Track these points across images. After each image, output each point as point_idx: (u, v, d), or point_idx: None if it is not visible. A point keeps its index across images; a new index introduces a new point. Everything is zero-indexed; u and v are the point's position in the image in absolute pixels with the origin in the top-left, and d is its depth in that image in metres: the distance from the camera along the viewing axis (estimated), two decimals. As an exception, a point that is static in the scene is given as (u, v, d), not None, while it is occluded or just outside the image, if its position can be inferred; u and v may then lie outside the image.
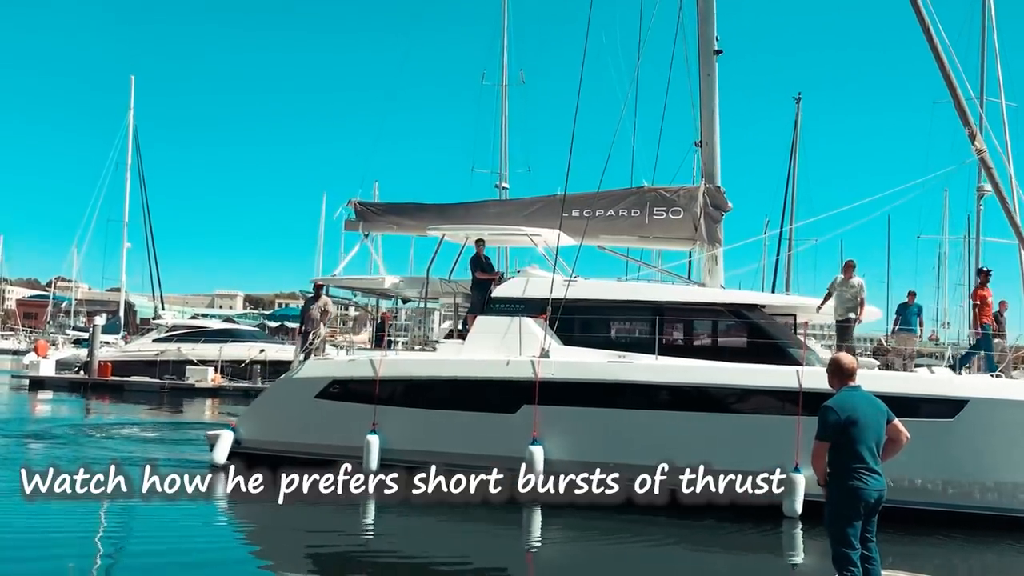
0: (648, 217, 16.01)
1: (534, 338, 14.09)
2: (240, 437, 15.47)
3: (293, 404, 15.30)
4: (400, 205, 18.13)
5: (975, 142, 14.20)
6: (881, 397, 12.72)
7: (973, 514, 12.11)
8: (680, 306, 14.47)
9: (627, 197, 16.17)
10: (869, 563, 6.22)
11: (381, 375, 14.46)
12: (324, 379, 15.04)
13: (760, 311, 14.18)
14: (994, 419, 12.08)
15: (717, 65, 16.57)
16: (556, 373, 13.53)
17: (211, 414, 29.29)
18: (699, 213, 15.71)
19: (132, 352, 39.47)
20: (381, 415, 14.30)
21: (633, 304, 14.57)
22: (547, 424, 13.33)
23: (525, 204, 17.17)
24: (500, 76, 38.54)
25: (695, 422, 12.88)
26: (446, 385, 14.23)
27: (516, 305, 14.63)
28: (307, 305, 17.14)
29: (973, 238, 27.98)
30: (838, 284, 14.06)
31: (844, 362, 6.48)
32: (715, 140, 16.42)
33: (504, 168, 38.20)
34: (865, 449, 6.09)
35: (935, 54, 14.49)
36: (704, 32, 16.44)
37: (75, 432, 21.11)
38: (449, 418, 14.09)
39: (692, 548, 11.61)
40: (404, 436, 14.19)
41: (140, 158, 48.39)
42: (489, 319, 14.75)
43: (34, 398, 33.21)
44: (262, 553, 10.92)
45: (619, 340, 14.62)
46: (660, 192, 16.21)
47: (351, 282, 17.84)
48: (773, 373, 12.71)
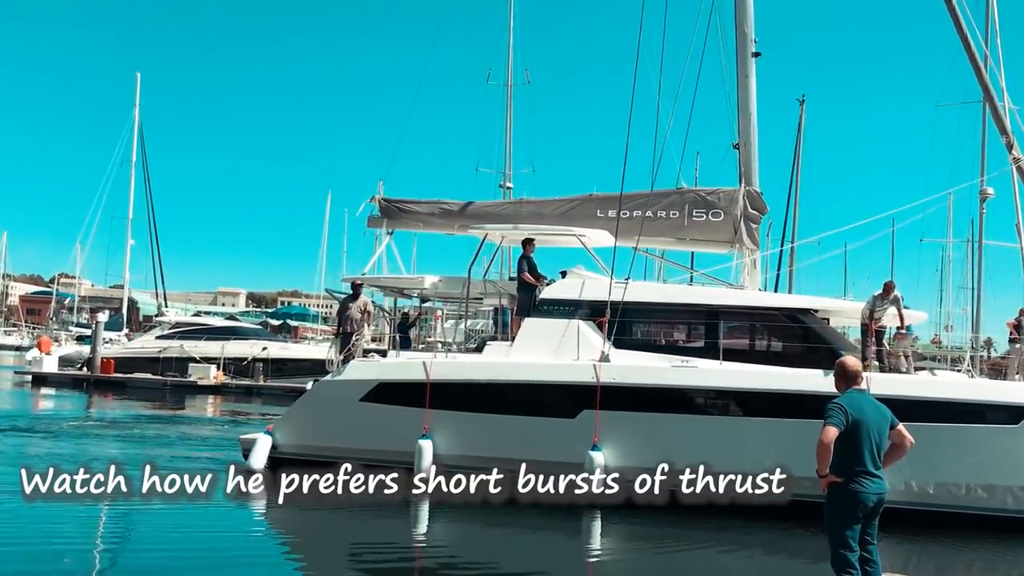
0: (687, 219, 15.27)
1: (591, 341, 13.42)
2: (277, 442, 14.45)
3: (336, 408, 14.23)
4: (428, 202, 17.09)
5: (1012, 151, 14.05)
6: (944, 403, 11.17)
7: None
8: (737, 310, 13.80)
9: (667, 198, 15.38)
10: (869, 565, 6.09)
11: (432, 378, 13.48)
12: (371, 382, 14.01)
13: (813, 315, 13.70)
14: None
15: (755, 67, 15.84)
16: (618, 378, 12.89)
17: (213, 411, 28.51)
18: (739, 216, 15.08)
19: (135, 349, 38.70)
20: (432, 419, 13.38)
21: (689, 308, 14.00)
22: (607, 429, 12.67)
23: (560, 203, 16.23)
24: (505, 76, 37.53)
25: (766, 428, 12.22)
26: (501, 388, 13.44)
27: (568, 307, 13.80)
28: (345, 304, 15.78)
29: (976, 241, 27.15)
30: (876, 301, 13.82)
31: (849, 365, 6.39)
32: (753, 142, 15.82)
33: (508, 168, 37.16)
34: (867, 452, 6.01)
35: (974, 66, 14.53)
36: (742, 33, 15.87)
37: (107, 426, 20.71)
38: (504, 423, 13.27)
39: (763, 553, 11.19)
40: (456, 441, 13.34)
41: (145, 155, 47.52)
42: (540, 321, 13.91)
43: (37, 394, 32.50)
44: (303, 558, 10.30)
45: (675, 344, 14.01)
46: (700, 194, 15.62)
47: (389, 281, 16.66)
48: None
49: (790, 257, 26.32)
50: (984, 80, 14.53)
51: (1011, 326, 18.98)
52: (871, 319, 13.60)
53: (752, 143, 15.71)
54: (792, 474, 10.38)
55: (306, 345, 45.34)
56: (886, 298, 13.76)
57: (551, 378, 13.21)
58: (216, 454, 16.71)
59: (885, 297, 13.76)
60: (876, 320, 13.57)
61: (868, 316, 13.61)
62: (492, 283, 15.74)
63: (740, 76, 15.77)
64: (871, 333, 13.51)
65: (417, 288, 16.23)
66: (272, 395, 32.65)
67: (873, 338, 13.46)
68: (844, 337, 14.10)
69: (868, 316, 13.61)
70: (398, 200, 17.06)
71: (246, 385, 34.36)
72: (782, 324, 13.56)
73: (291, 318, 70.68)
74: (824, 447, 5.95)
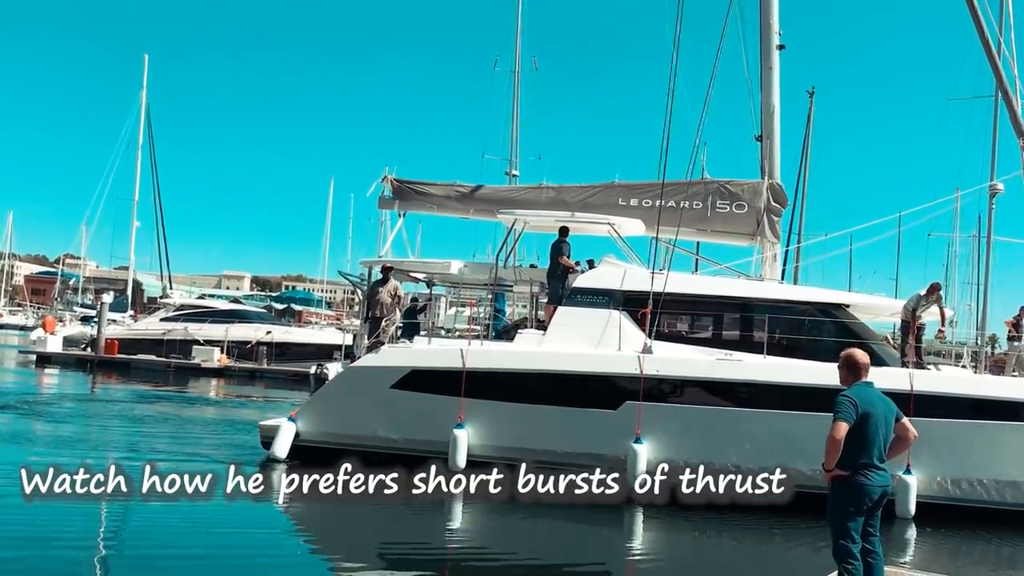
0: (711, 210, 14.77)
1: (629, 332, 12.91)
2: (300, 429, 13.60)
3: (365, 395, 13.43)
4: (443, 184, 16.31)
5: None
6: (979, 400, 12.01)
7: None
8: (774, 304, 13.30)
9: (691, 188, 14.80)
10: (871, 556, 6.01)
11: (469, 366, 12.84)
12: (403, 368, 13.26)
13: (844, 310, 13.34)
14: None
15: (779, 59, 15.28)
16: (662, 370, 12.45)
17: (216, 393, 27.83)
18: (762, 209, 14.64)
19: (139, 330, 37.99)
20: (468, 408, 12.75)
21: (728, 301, 13.60)
22: (649, 422, 12.26)
23: (581, 190, 15.58)
24: (513, 63, 36.72)
25: (811, 423, 11.57)
26: (542, 378, 12.84)
27: (606, 297, 13.24)
28: (374, 288, 14.93)
29: (984, 237, 26.55)
30: (921, 300, 13.69)
31: (858, 358, 6.21)
32: (775, 135, 15.35)
33: (515, 155, 36.27)
34: (873, 445, 5.90)
35: (994, 69, 13.95)
36: (766, 25, 15.42)
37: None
38: (543, 413, 12.71)
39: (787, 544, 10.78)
40: (493, 431, 12.78)
41: (152, 137, 46.52)
42: (576, 311, 13.33)
43: (41, 373, 31.92)
44: (320, 556, 9.59)
45: (714, 337, 13.59)
46: (724, 185, 15.06)
47: (416, 266, 15.91)
48: (890, 375, 11.62)
49: (796, 252, 25.72)
50: (1003, 82, 14.04)
51: (1010, 325, 18.59)
52: (914, 317, 13.32)
53: (774, 136, 15.25)
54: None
55: (310, 329, 44.65)
56: (931, 297, 13.60)
57: (594, 369, 12.69)
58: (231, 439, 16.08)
59: (930, 296, 13.60)
60: (918, 318, 13.17)
61: (911, 314, 13.33)
62: (522, 269, 15.08)
63: (764, 68, 15.35)
64: (912, 331, 13.05)
65: (443, 273, 15.52)
66: (275, 379, 32.17)
67: (914, 336, 13.18)
68: (875, 332, 13.73)
69: (911, 314, 13.33)
70: (412, 181, 16.28)
71: (249, 368, 33.80)
72: (816, 319, 13.18)
73: (295, 302, 69.73)
74: (835, 443, 5.84)
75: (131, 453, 13.83)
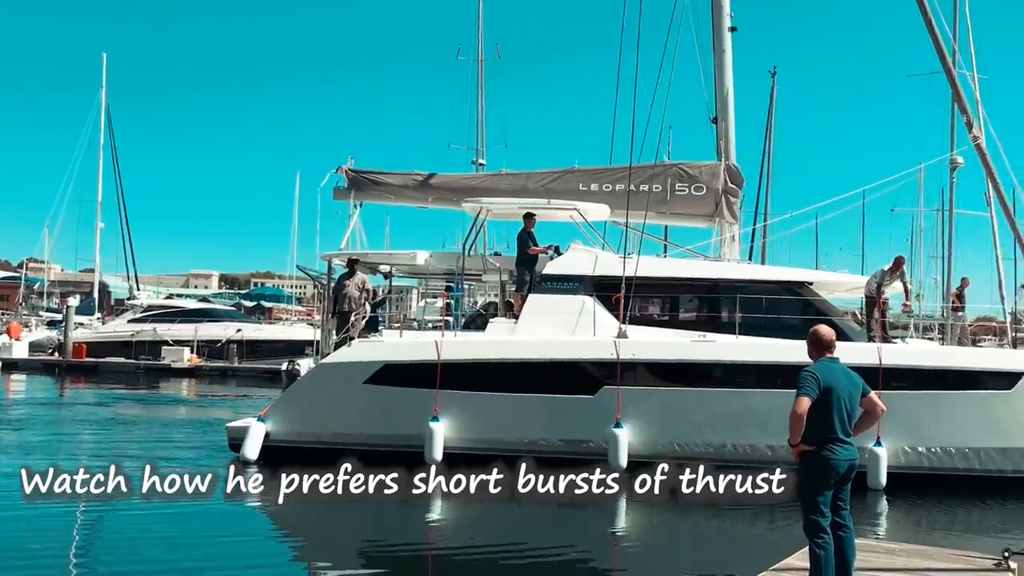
0: (670, 193, 14.75)
1: (602, 317, 12.92)
2: (270, 429, 13.22)
3: (337, 392, 13.12)
4: (399, 173, 15.98)
5: (972, 130, 13.95)
6: (945, 371, 12.01)
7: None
8: (741, 284, 13.35)
9: (650, 171, 14.74)
10: (842, 530, 6.01)
11: (444, 357, 12.68)
12: (375, 363, 12.98)
13: (808, 287, 13.49)
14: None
15: (731, 41, 15.32)
16: (638, 354, 12.42)
17: (188, 393, 27.44)
18: (720, 190, 14.64)
19: (107, 333, 37.47)
20: (443, 401, 12.60)
21: (697, 282, 13.74)
22: (627, 406, 12.27)
23: (541, 176, 15.40)
24: (476, 51, 36.58)
25: (783, 400, 11.64)
26: (519, 367, 12.71)
27: (577, 283, 13.21)
28: (341, 282, 14.47)
29: (946, 210, 26.91)
30: (885, 275, 13.73)
31: (823, 334, 6.19)
32: (730, 116, 15.41)
33: (481, 144, 36.25)
34: (837, 420, 5.87)
35: (937, 49, 13.98)
36: (718, 7, 15.47)
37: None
38: (520, 402, 12.65)
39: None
40: (469, 423, 12.65)
41: (113, 137, 45.54)
42: (547, 298, 13.24)
43: (7, 380, 31.13)
44: (310, 556, 9.23)
45: (685, 319, 13.65)
46: (683, 168, 15.07)
47: (381, 258, 15.62)
48: (858, 350, 11.79)
49: (763, 230, 25.87)
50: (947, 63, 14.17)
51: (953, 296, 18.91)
52: (879, 292, 13.37)
53: (729, 117, 15.30)
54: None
55: (280, 326, 44.25)
56: (895, 272, 13.65)
57: (570, 355, 12.64)
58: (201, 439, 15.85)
59: (895, 271, 13.65)
60: (882, 293, 13.30)
61: (876, 289, 13.38)
62: (490, 258, 14.94)
63: (716, 51, 15.35)
64: (878, 306, 13.21)
65: (409, 264, 15.27)
66: (247, 377, 31.84)
67: (880, 311, 13.29)
68: (837, 308, 13.91)
69: (876, 289, 13.38)
70: (367, 171, 15.86)
71: (220, 367, 33.43)
72: (781, 297, 13.27)
73: (265, 299, 69.07)
74: (797, 418, 5.82)
75: (94, 459, 13.42)
